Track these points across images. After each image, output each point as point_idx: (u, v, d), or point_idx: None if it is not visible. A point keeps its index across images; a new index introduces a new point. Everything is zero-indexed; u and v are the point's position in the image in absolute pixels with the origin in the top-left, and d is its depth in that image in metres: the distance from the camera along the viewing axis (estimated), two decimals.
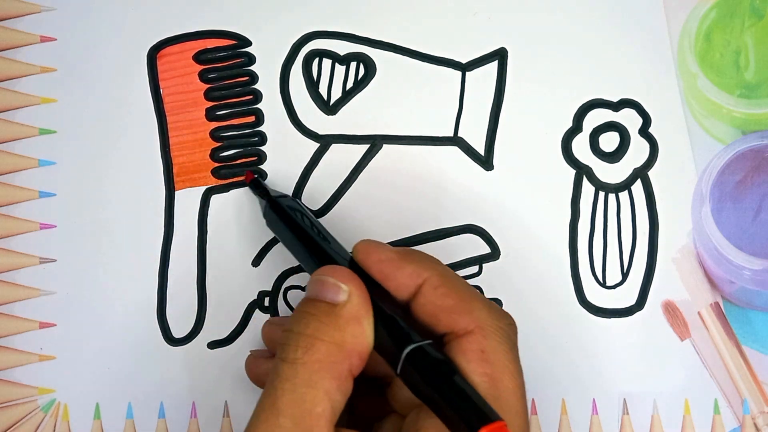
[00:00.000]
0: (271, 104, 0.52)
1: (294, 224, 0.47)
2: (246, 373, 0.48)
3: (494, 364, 0.40)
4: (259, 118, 0.52)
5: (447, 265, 0.51)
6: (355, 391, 0.40)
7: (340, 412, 0.39)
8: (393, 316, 0.41)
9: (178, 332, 0.50)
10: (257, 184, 0.50)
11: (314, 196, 0.51)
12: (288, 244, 0.47)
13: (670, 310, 0.50)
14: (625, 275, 0.50)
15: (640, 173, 0.51)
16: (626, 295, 0.50)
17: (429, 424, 0.39)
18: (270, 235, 0.51)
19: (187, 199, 0.51)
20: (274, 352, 0.47)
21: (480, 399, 0.38)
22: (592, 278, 0.50)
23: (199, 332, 0.50)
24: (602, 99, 0.51)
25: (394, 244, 0.50)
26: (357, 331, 0.40)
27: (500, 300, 0.50)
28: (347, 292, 0.40)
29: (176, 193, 0.51)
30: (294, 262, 0.50)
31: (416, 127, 0.51)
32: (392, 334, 0.41)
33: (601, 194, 0.51)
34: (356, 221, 0.51)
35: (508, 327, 0.41)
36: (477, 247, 0.51)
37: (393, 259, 0.42)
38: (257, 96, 0.52)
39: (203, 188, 0.51)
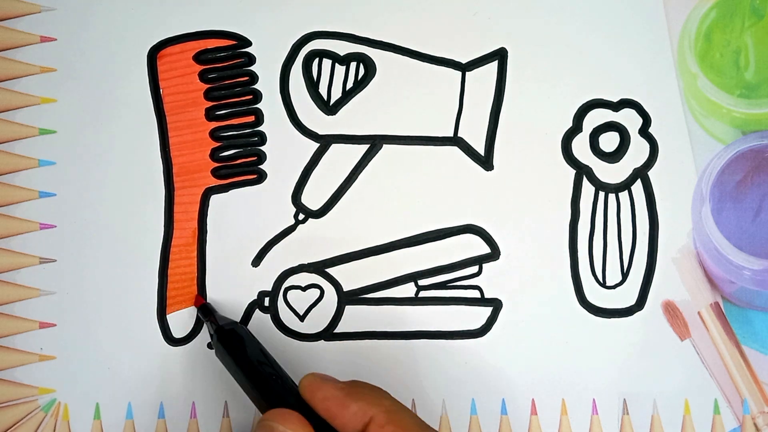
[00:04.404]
0: (271, 104, 0.52)
1: (242, 357, 0.46)
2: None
3: None
4: (259, 118, 0.52)
5: (446, 265, 0.51)
6: None
7: None
8: None
9: (178, 332, 0.50)
10: (206, 311, 0.49)
11: (314, 196, 0.51)
12: (236, 377, 0.47)
13: (670, 310, 0.50)
14: (625, 275, 0.50)
15: (640, 173, 0.51)
16: (626, 295, 0.50)
17: None
18: (270, 234, 0.51)
19: (187, 199, 0.51)
20: None
21: None
22: (592, 278, 0.50)
23: (199, 332, 0.50)
24: (602, 99, 0.51)
25: (394, 244, 0.51)
26: None
27: (500, 300, 0.50)
28: None
29: (176, 193, 0.51)
30: (294, 262, 0.50)
31: (416, 127, 0.51)
32: None
33: (601, 194, 0.51)
34: (356, 221, 0.51)
35: None
36: (477, 247, 0.51)
37: (338, 397, 0.42)
38: (257, 96, 0.52)
39: (203, 188, 0.51)
